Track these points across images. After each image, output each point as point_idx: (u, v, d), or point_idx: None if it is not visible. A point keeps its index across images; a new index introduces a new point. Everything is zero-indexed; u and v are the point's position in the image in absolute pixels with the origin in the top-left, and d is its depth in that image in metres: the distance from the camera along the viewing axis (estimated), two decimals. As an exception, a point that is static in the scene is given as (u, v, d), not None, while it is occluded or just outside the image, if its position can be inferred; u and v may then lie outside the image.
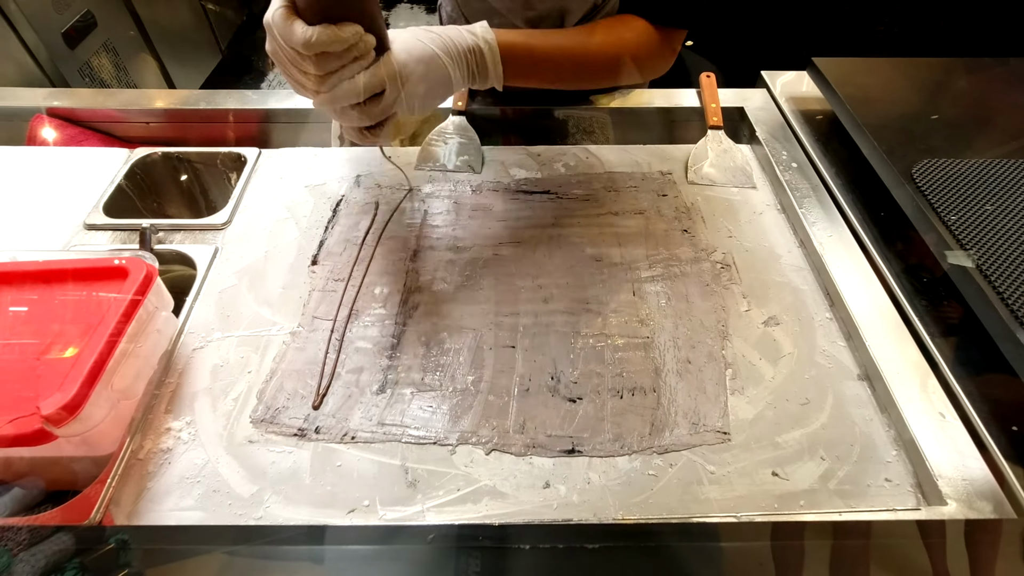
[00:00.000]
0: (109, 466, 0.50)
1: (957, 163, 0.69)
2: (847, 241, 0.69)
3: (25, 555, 0.41)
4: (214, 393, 0.56)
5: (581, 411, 0.55)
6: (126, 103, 0.92)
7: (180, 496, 0.49)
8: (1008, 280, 0.56)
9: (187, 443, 0.53)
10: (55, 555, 0.42)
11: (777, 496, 0.49)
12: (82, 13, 1.79)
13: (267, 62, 2.92)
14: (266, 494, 0.49)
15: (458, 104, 0.87)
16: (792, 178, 0.78)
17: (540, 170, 0.82)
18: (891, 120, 0.77)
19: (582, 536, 0.45)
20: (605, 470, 0.51)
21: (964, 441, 0.51)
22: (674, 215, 0.75)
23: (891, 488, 0.50)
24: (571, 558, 0.43)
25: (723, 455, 0.52)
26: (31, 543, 0.42)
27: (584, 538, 0.45)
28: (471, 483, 0.50)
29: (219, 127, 0.92)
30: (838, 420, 0.55)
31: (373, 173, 0.81)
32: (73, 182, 0.79)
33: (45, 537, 0.42)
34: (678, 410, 0.55)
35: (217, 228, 0.73)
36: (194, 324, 0.62)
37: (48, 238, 0.72)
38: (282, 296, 0.65)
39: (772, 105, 0.91)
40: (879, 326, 0.60)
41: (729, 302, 0.65)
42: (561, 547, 0.43)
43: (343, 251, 0.70)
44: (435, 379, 0.58)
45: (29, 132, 0.90)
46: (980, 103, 0.84)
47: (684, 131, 0.93)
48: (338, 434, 0.53)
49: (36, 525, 0.44)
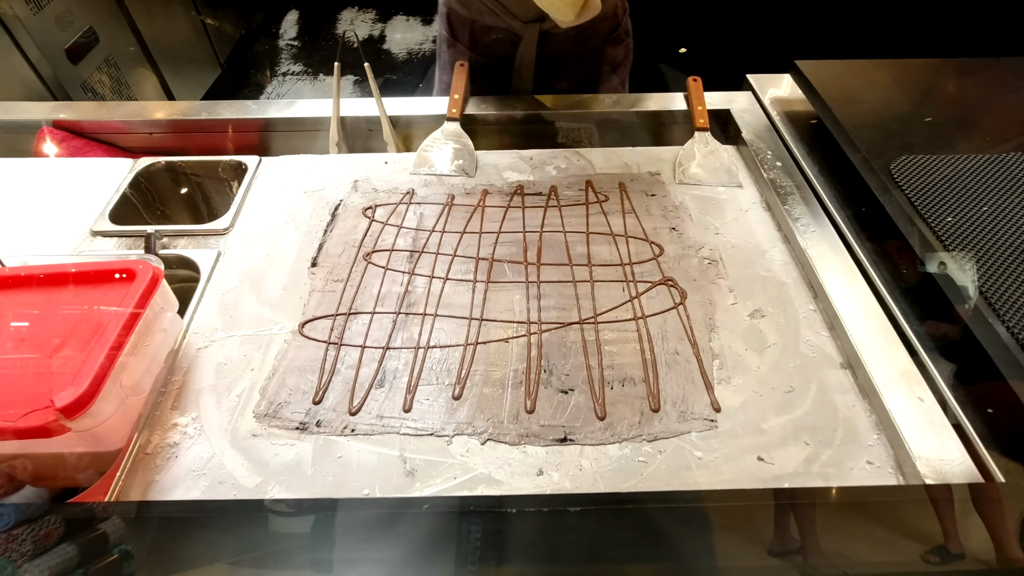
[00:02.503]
0: (118, 460, 0.52)
1: (934, 159, 0.71)
2: (830, 236, 0.71)
3: (29, 565, 0.42)
4: (218, 390, 0.58)
5: (573, 401, 0.57)
6: (130, 115, 0.94)
7: (187, 488, 0.51)
8: (982, 269, 0.59)
9: (193, 438, 0.55)
10: (59, 566, 0.43)
11: (763, 479, 0.51)
12: (84, 30, 1.83)
13: (265, 75, 2.97)
14: (269, 485, 0.51)
15: (452, 111, 0.89)
16: (776, 176, 0.80)
17: (532, 173, 0.84)
18: (871, 119, 0.80)
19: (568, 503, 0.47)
20: (596, 457, 0.53)
21: (942, 424, 0.53)
22: (662, 214, 0.77)
23: (872, 470, 0.52)
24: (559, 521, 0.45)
25: (710, 441, 0.54)
26: (35, 554, 0.43)
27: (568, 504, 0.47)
28: (467, 471, 0.52)
29: (220, 136, 0.95)
30: (821, 406, 0.56)
31: (370, 178, 0.84)
32: (79, 191, 0.81)
33: (49, 548, 0.43)
34: (667, 399, 0.57)
35: (219, 233, 0.75)
36: (198, 324, 0.65)
37: (56, 245, 0.74)
38: (283, 297, 0.67)
39: (757, 107, 0.94)
40: (861, 316, 0.62)
41: (716, 296, 0.67)
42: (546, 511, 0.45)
43: (342, 253, 0.73)
44: (431, 373, 0.60)
45: (35, 144, 0.92)
46: (958, 102, 0.86)
47: (672, 133, 0.96)
48: (339, 427, 0.55)
49: (40, 536, 0.44)
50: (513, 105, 0.95)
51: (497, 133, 0.96)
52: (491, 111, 0.95)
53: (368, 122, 0.95)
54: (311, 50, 3.21)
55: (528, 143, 0.93)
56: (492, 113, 0.95)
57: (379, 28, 3.21)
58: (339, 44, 1.78)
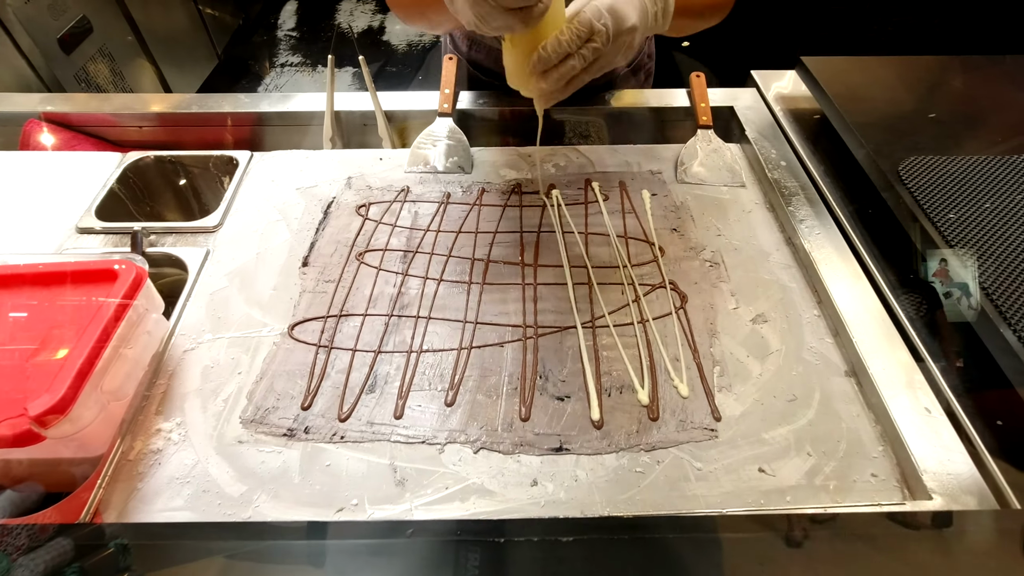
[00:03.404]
0: (99, 467, 0.50)
1: (944, 160, 0.69)
2: (835, 239, 0.69)
3: (24, 559, 0.41)
4: (204, 394, 0.57)
5: (569, 409, 0.55)
6: (119, 108, 0.92)
7: (170, 496, 0.50)
8: (993, 276, 0.57)
9: (177, 444, 0.53)
10: (54, 560, 0.42)
11: (763, 492, 0.50)
12: (78, 18, 1.80)
13: (263, 66, 2.93)
14: (255, 494, 0.50)
15: (444, 107, 0.87)
16: (781, 176, 0.78)
17: (530, 171, 0.82)
18: (879, 118, 0.78)
19: (568, 530, 0.45)
20: (593, 467, 0.52)
21: (949, 436, 0.51)
22: (663, 214, 0.76)
23: (877, 483, 0.50)
24: (560, 551, 0.43)
25: (710, 452, 0.52)
26: (30, 548, 0.42)
27: (568, 532, 0.45)
28: (459, 481, 0.51)
29: (211, 130, 0.93)
30: (825, 416, 0.55)
31: (364, 175, 0.82)
32: (66, 186, 0.79)
33: (44, 542, 0.42)
34: (665, 407, 0.55)
35: (209, 231, 0.73)
36: (185, 326, 0.63)
37: (40, 241, 0.72)
38: (273, 297, 0.66)
39: (761, 104, 0.92)
40: (866, 323, 0.60)
41: (717, 300, 0.65)
42: (549, 540, 0.43)
43: (334, 252, 0.71)
44: (424, 379, 0.58)
45: (23, 136, 0.90)
46: (969, 101, 0.84)
47: (674, 131, 0.93)
48: (327, 434, 0.54)
49: (35, 530, 0.44)
50: (511, 101, 0.93)
51: (494, 130, 0.94)
52: (488, 107, 0.93)
53: (363, 116, 0.93)
54: (310, 41, 3.18)
55: (527, 140, 0.91)
56: (489, 109, 0.93)
57: (379, 19, 3.17)
58: (334, 36, 1.75)
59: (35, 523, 0.46)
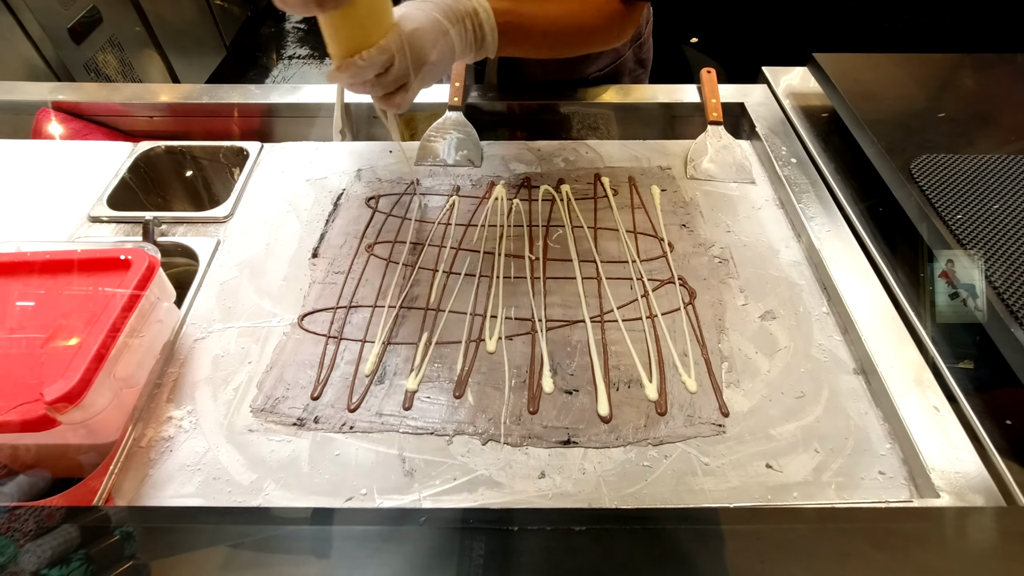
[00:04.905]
0: (111, 454, 0.51)
1: (956, 159, 0.69)
2: (845, 236, 0.69)
3: (31, 546, 0.42)
4: (215, 383, 0.57)
5: (577, 403, 0.56)
6: (130, 97, 0.93)
7: (181, 483, 0.50)
8: (1004, 276, 0.57)
9: (188, 431, 0.53)
10: (61, 546, 0.42)
11: (770, 488, 0.50)
12: (88, 9, 1.80)
13: (271, 58, 2.94)
14: (265, 482, 0.50)
15: (454, 100, 0.87)
16: (791, 173, 0.78)
17: (540, 165, 0.82)
18: (891, 116, 0.77)
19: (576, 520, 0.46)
20: (600, 461, 0.52)
21: (958, 434, 0.51)
22: (673, 210, 0.75)
23: (884, 480, 0.50)
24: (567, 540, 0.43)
25: (718, 447, 0.53)
26: (37, 534, 0.42)
27: (576, 522, 0.45)
28: (467, 472, 0.51)
29: (222, 121, 0.93)
30: (833, 413, 0.55)
31: (374, 167, 0.82)
32: (78, 175, 0.80)
33: (51, 528, 0.43)
34: (673, 402, 0.55)
35: (219, 221, 0.74)
36: (196, 315, 0.63)
37: (53, 230, 0.72)
38: (283, 288, 0.66)
39: (772, 101, 0.91)
40: (875, 321, 0.60)
41: (726, 296, 0.65)
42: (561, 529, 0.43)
43: (343, 243, 0.71)
44: (433, 370, 0.58)
45: (34, 126, 0.91)
46: (981, 99, 0.84)
47: (684, 126, 0.93)
48: (337, 424, 0.54)
49: (43, 516, 0.45)
50: (520, 95, 0.93)
51: (503, 123, 0.94)
52: (497, 100, 0.92)
53: (372, 109, 0.93)
54: (318, 33, 3.16)
55: (535, 134, 0.91)
56: (498, 103, 0.92)
57: (387, 12, 3.16)
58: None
59: (45, 508, 0.46)
